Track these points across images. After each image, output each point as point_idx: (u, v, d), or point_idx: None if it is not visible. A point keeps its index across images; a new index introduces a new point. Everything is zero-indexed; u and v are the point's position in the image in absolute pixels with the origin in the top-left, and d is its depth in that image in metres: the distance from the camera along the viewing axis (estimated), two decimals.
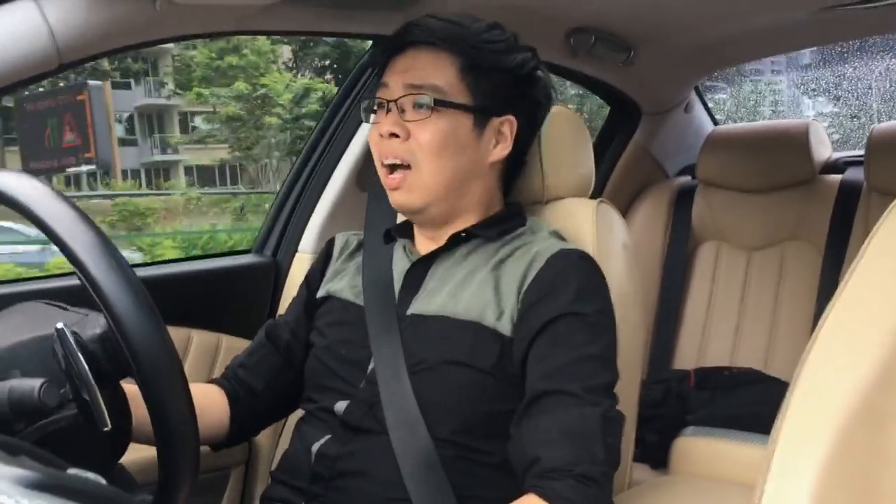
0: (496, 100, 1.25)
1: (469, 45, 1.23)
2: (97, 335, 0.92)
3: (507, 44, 1.27)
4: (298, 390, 1.35)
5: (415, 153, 1.21)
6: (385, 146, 1.23)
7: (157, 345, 0.83)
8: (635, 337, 1.43)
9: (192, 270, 1.84)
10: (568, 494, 1.03)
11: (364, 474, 1.18)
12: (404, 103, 1.22)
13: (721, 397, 2.12)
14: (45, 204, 0.84)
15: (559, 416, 1.08)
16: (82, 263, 0.82)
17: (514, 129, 1.28)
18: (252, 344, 1.40)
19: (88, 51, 1.23)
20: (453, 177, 1.23)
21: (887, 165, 2.18)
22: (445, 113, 1.21)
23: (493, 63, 1.24)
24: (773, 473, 0.68)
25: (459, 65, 1.23)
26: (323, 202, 1.88)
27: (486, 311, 1.18)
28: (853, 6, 1.85)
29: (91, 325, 0.94)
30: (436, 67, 1.23)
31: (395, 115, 1.22)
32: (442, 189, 1.23)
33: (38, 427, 0.88)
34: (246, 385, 1.33)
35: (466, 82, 1.23)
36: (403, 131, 1.21)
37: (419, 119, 1.21)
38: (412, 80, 1.22)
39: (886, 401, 0.69)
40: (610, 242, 1.39)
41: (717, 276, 2.44)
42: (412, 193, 1.23)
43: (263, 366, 1.35)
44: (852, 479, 0.67)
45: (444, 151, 1.21)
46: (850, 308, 0.73)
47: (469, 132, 1.23)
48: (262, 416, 1.37)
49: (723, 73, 3.57)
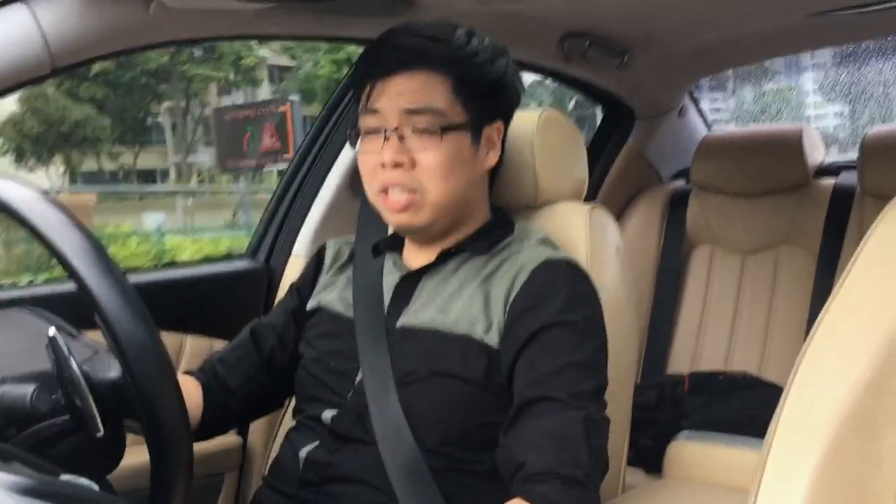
0: (485, 110, 1.24)
1: (457, 62, 1.21)
2: (110, 381, 0.92)
3: (489, 53, 1.25)
4: (275, 394, 1.37)
5: (420, 180, 1.19)
6: (388, 176, 1.19)
7: (150, 350, 0.83)
8: (629, 341, 1.43)
9: (185, 276, 1.83)
10: (553, 497, 1.03)
11: (352, 480, 1.18)
12: (404, 130, 1.19)
13: (715, 402, 2.13)
14: (37, 210, 0.84)
15: (544, 422, 1.08)
16: (75, 269, 0.81)
17: (501, 133, 1.28)
18: (235, 341, 1.39)
19: (81, 55, 1.23)
20: (460, 195, 1.23)
21: (881, 169, 2.19)
22: (449, 136, 1.19)
23: (481, 77, 1.23)
24: (766, 478, 0.68)
25: (452, 84, 1.20)
26: (316, 207, 1.88)
27: (475, 325, 1.18)
28: (845, 11, 1.85)
29: (103, 367, 0.94)
30: (432, 90, 1.20)
31: (396, 143, 1.19)
32: (448, 207, 1.22)
33: (31, 433, 0.88)
34: (221, 380, 1.32)
35: (461, 100, 1.21)
36: (408, 160, 1.19)
37: (425, 146, 1.19)
38: (409, 104, 1.19)
39: (879, 405, 0.69)
40: (603, 247, 1.39)
41: (712, 281, 2.45)
42: (419, 213, 1.21)
43: (243, 364, 1.34)
44: (845, 484, 0.67)
45: (451, 174, 1.20)
46: (844, 313, 0.73)
47: (469, 148, 1.23)
48: (235, 415, 1.36)
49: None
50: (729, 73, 3.24)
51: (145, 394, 0.83)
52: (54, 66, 1.19)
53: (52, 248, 0.82)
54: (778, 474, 0.67)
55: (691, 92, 2.67)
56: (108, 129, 17.62)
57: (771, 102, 3.94)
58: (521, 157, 1.37)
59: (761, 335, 2.33)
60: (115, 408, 0.93)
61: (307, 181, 1.91)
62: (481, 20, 1.32)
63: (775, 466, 0.68)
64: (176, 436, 0.85)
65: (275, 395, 1.39)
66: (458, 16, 1.37)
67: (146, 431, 0.85)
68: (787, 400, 0.71)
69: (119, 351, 0.82)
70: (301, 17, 1.51)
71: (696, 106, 2.74)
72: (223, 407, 1.32)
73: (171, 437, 0.85)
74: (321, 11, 1.51)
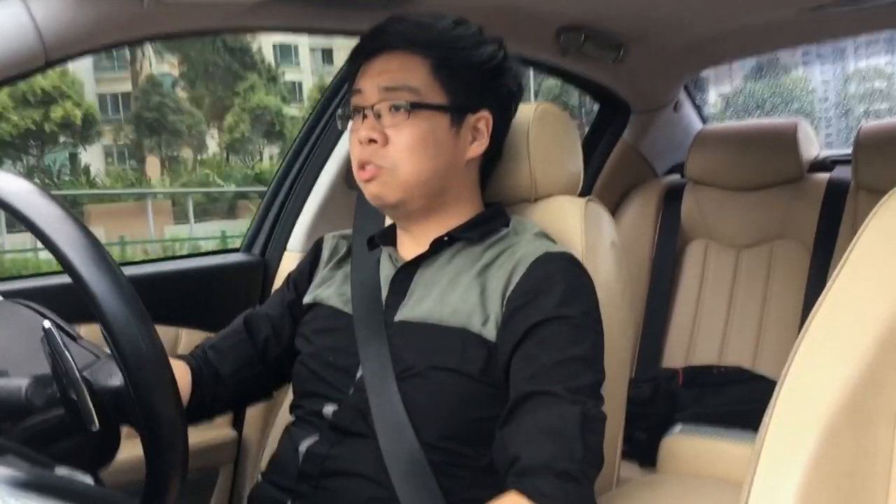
0: (470, 96, 1.25)
1: (438, 44, 1.23)
2: (112, 388, 0.93)
3: (475, 38, 1.26)
4: (264, 384, 1.37)
5: (391, 157, 1.21)
6: (363, 152, 1.22)
7: (146, 344, 0.83)
8: (623, 335, 1.43)
9: (180, 269, 1.83)
10: (547, 490, 1.03)
11: (352, 474, 1.18)
12: (381, 109, 1.22)
13: (709, 396, 2.13)
14: (32, 202, 0.84)
15: (540, 416, 1.08)
16: (70, 262, 0.81)
17: (489, 124, 1.28)
18: (228, 328, 1.39)
19: (75, 48, 1.22)
20: (432, 176, 1.23)
21: (875, 164, 2.19)
22: (422, 115, 1.21)
23: (463, 59, 1.24)
24: (760, 471, 0.68)
25: (431, 64, 1.22)
26: (311, 201, 1.88)
27: (472, 317, 1.18)
28: (842, 5, 1.85)
29: (105, 375, 0.94)
30: (408, 69, 1.22)
31: (372, 120, 1.22)
32: (420, 187, 1.23)
33: (26, 427, 0.88)
34: (212, 367, 1.33)
35: (440, 81, 1.22)
36: (381, 137, 1.21)
37: (397, 123, 1.21)
38: (386, 82, 1.22)
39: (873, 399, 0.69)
40: (598, 241, 1.39)
41: (706, 275, 2.45)
42: (388, 187, 1.22)
43: (234, 352, 1.34)
44: (839, 477, 0.67)
45: (423, 152, 1.21)
46: (838, 307, 0.73)
47: (446, 132, 1.23)
48: (222, 402, 1.36)
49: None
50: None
51: (141, 388, 0.83)
52: (48, 59, 1.18)
53: (47, 242, 0.82)
54: (771, 467, 0.68)
55: (687, 86, 2.67)
56: None
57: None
58: (516, 151, 1.37)
59: (755, 329, 2.33)
60: (116, 414, 0.93)
61: (302, 175, 1.91)
62: (477, 14, 1.31)
63: (769, 459, 0.68)
64: (172, 431, 0.85)
65: (265, 385, 1.39)
66: (453, 9, 1.36)
67: (142, 426, 0.85)
68: (780, 393, 0.71)
69: (114, 345, 0.81)
70: (296, 10, 1.50)
71: (692, 100, 2.74)
72: (212, 394, 1.32)
73: (167, 432, 0.85)
74: (317, 4, 1.50)
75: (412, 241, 1.31)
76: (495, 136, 1.29)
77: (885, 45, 3.97)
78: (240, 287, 1.84)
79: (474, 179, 1.32)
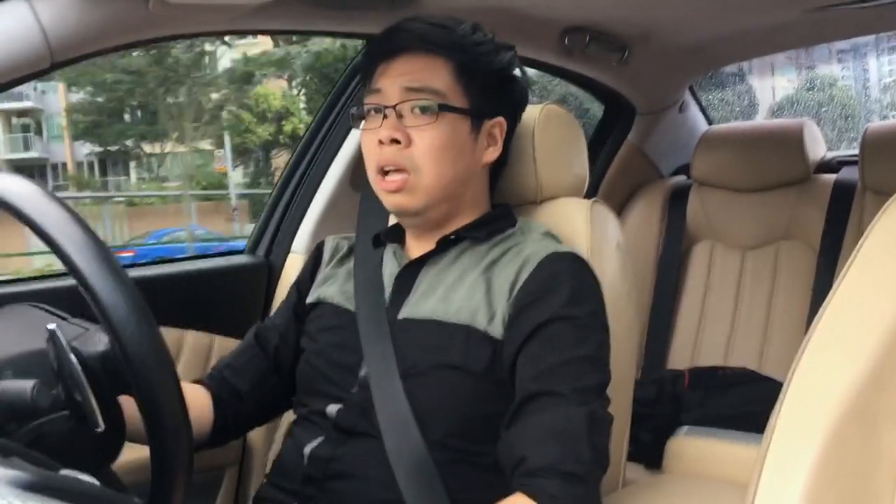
0: (488, 102, 1.25)
1: (460, 47, 1.23)
2: (98, 353, 0.92)
3: (493, 44, 1.27)
4: (284, 394, 1.35)
5: (415, 159, 1.20)
6: (385, 154, 1.21)
7: (150, 346, 0.83)
8: (629, 337, 1.43)
9: (184, 271, 1.83)
10: (554, 492, 1.03)
11: (357, 476, 1.17)
12: (403, 108, 1.21)
13: (715, 397, 2.12)
14: (37, 204, 0.84)
15: (546, 417, 1.08)
16: (74, 264, 0.81)
17: (503, 130, 1.28)
18: (240, 345, 1.39)
19: (81, 50, 1.23)
20: (453, 180, 1.23)
21: (881, 165, 2.19)
22: (446, 118, 1.20)
23: (483, 65, 1.24)
24: (766, 472, 0.68)
25: (453, 67, 1.22)
26: (316, 202, 1.88)
27: (477, 314, 1.18)
28: (847, 6, 1.85)
29: (92, 341, 0.93)
30: (433, 71, 1.21)
31: (394, 120, 1.20)
32: (442, 192, 1.22)
33: (31, 428, 0.88)
34: (231, 386, 1.33)
35: (462, 85, 1.22)
36: (405, 137, 1.20)
37: (421, 124, 1.20)
38: (411, 83, 1.20)
39: (879, 400, 0.69)
40: (604, 242, 1.39)
41: (712, 276, 2.44)
42: (413, 196, 1.22)
43: (250, 368, 1.34)
44: (845, 479, 0.67)
45: (446, 156, 1.21)
46: (844, 308, 0.73)
47: (467, 136, 1.23)
48: (247, 418, 1.37)
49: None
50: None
51: (146, 389, 0.83)
52: (54, 61, 1.19)
53: (52, 244, 0.82)
54: (777, 469, 0.67)
55: (692, 87, 2.67)
56: None
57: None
58: (522, 153, 1.37)
59: (761, 330, 2.33)
60: (108, 383, 0.92)
61: (307, 176, 1.90)
62: (482, 16, 1.31)
63: (775, 461, 0.68)
64: (176, 431, 0.85)
65: (284, 394, 1.37)
66: (458, 11, 1.37)
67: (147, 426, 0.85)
68: (787, 395, 0.71)
69: (120, 346, 0.81)
70: (300, 12, 1.51)
71: (697, 101, 2.73)
72: (234, 412, 1.32)
73: (172, 431, 0.85)
74: (321, 6, 1.51)
75: (419, 240, 1.31)
76: (505, 142, 1.30)
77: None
78: (244, 289, 1.84)
79: (486, 185, 1.32)
